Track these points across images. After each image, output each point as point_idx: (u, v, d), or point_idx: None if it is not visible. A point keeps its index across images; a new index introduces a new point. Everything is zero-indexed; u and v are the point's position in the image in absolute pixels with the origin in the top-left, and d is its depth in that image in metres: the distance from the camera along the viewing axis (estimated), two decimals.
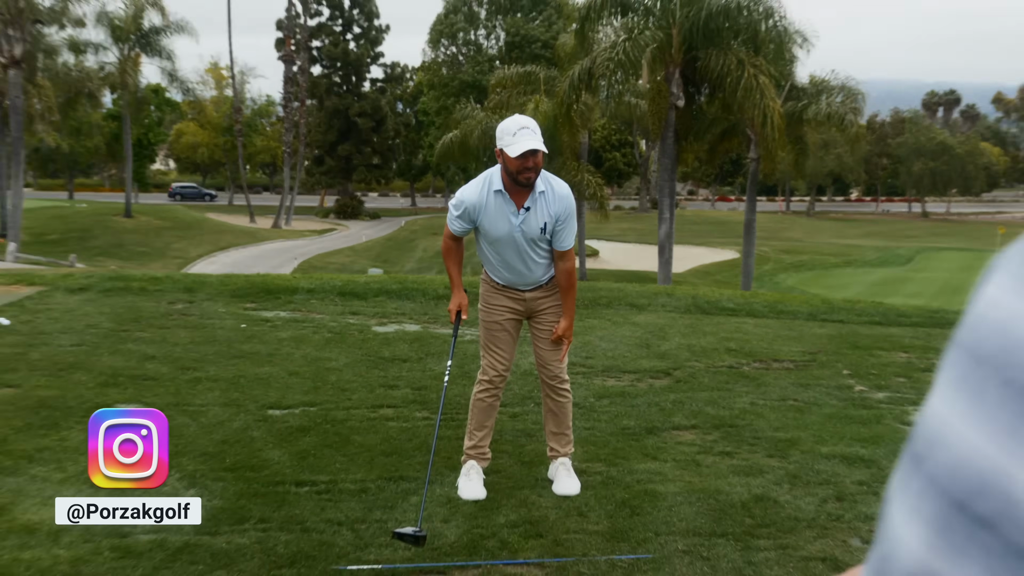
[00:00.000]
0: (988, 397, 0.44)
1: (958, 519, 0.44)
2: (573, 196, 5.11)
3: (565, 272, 5.13)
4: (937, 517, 0.46)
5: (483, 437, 5.29)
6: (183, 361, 7.88)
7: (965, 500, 0.44)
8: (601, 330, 9.78)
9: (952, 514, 0.45)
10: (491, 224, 4.95)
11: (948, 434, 0.46)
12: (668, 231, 25.28)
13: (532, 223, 4.93)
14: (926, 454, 0.47)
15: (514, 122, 4.79)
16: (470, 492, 5.07)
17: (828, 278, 42.33)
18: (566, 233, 5.02)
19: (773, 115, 22.68)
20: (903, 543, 0.47)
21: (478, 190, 4.94)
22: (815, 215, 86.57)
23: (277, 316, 10.14)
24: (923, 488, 0.47)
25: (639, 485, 5.25)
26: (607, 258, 50.69)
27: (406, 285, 11.86)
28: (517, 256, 5.04)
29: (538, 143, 4.73)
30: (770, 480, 5.37)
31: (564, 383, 5.33)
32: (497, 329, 5.24)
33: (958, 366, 0.47)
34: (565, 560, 4.31)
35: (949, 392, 0.47)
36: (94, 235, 47.44)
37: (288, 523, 4.64)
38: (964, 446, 0.45)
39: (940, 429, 0.47)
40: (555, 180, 5.01)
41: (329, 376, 7.56)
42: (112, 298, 10.76)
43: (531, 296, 5.20)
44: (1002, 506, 0.43)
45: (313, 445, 5.82)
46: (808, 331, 10.14)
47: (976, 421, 0.45)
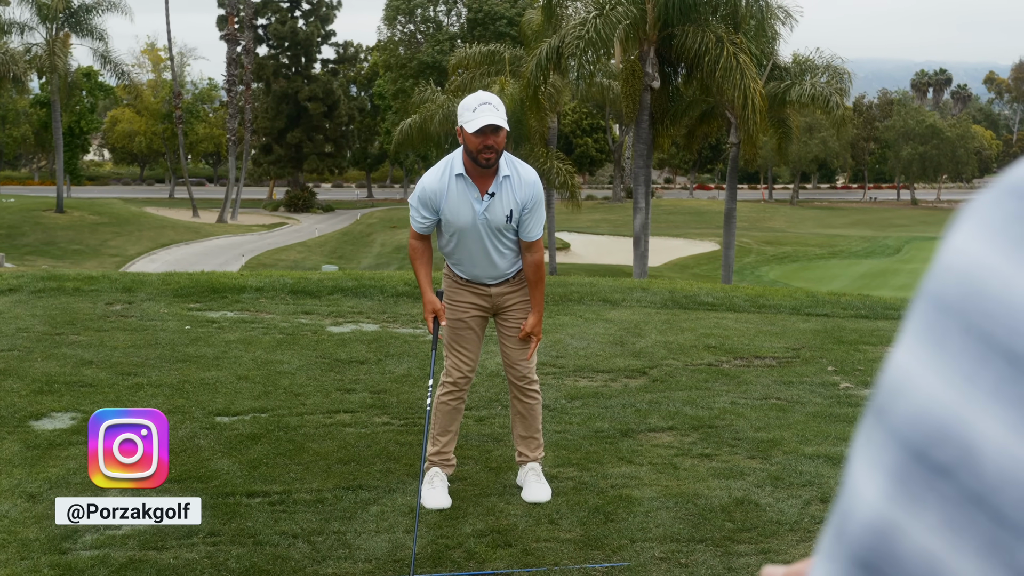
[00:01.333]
0: (949, 345, 0.47)
1: (916, 468, 0.47)
2: (541, 183, 5.18)
3: (533, 265, 5.19)
4: (896, 467, 0.48)
5: (447, 443, 5.34)
6: (123, 366, 7.85)
7: (924, 449, 0.46)
8: (572, 327, 9.86)
9: (910, 463, 0.47)
10: (453, 212, 4.99)
11: (909, 384, 0.48)
12: (643, 222, 25.44)
13: (497, 210, 4.98)
14: (888, 406, 0.49)
15: (475, 98, 4.86)
16: (434, 501, 5.11)
17: (813, 270, 42.82)
18: (533, 222, 5.08)
19: (754, 96, 22.90)
20: (862, 496, 0.50)
21: (439, 175, 5.00)
22: (799, 203, 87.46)
23: (224, 317, 10.12)
24: (883, 440, 0.49)
25: (613, 490, 5.33)
26: (579, 251, 50.89)
27: (362, 282, 11.87)
28: (481, 247, 5.09)
29: (499, 119, 4.79)
30: (751, 482, 5.47)
31: (533, 384, 5.38)
32: (461, 327, 5.27)
33: (921, 316, 0.49)
34: (536, 570, 4.38)
35: (912, 342, 0.49)
36: (23, 232, 46.86)
37: (240, 536, 4.66)
38: (924, 395, 0.47)
39: (902, 380, 0.49)
40: (521, 165, 5.07)
41: (281, 380, 7.57)
42: (44, 299, 10.68)
43: (497, 291, 5.25)
44: (960, 453, 0.45)
45: (265, 453, 5.84)
46: (791, 326, 10.29)
47: (937, 370, 0.47)
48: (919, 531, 0.46)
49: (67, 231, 48.29)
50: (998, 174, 0.52)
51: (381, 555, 4.50)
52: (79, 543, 4.56)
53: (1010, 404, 0.44)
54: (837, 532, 0.52)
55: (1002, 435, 0.44)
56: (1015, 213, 0.47)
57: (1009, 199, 0.48)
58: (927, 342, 0.48)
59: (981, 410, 0.45)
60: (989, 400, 0.45)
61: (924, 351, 0.48)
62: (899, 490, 0.48)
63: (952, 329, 0.47)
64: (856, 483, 0.51)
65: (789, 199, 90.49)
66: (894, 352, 0.51)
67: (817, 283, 34.55)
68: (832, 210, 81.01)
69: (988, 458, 0.44)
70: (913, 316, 0.50)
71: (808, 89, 26.40)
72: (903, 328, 0.51)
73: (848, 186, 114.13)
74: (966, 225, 0.50)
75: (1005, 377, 0.45)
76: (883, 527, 0.48)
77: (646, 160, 25.49)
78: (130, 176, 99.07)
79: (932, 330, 0.48)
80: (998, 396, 0.45)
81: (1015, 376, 0.44)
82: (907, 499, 0.47)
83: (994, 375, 0.45)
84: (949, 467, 0.45)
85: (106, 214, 53.71)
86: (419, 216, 5.09)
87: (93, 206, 56.32)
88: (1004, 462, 0.44)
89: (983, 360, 0.45)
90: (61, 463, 5.56)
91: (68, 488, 5.17)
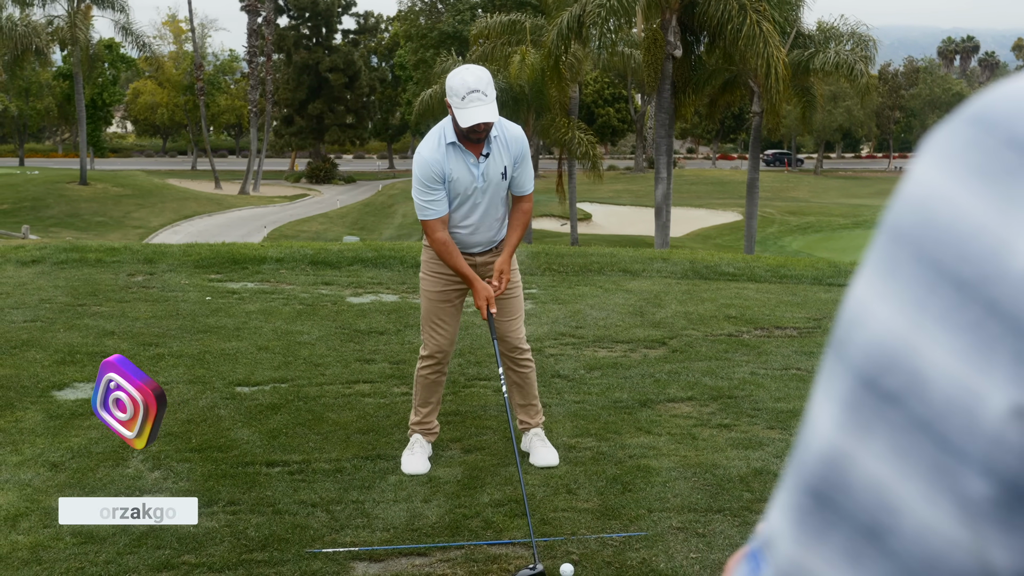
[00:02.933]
0: (901, 274, 0.47)
1: (866, 397, 0.47)
2: (526, 137, 5.17)
3: (522, 211, 5.20)
4: (847, 397, 0.48)
5: (429, 412, 5.36)
6: (144, 337, 7.91)
7: (874, 377, 0.47)
8: (592, 298, 9.84)
9: (861, 392, 0.48)
10: (456, 179, 4.95)
11: (863, 314, 0.49)
12: (665, 192, 25.32)
13: (493, 169, 4.97)
14: (844, 338, 0.50)
15: (463, 83, 4.71)
16: (413, 467, 5.15)
17: (836, 240, 42.53)
18: (524, 176, 5.10)
19: (777, 65, 22.67)
20: (816, 426, 0.51)
21: (435, 145, 4.92)
22: (823, 173, 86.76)
23: (244, 288, 10.17)
24: (838, 371, 0.50)
25: (631, 460, 5.33)
26: (600, 222, 50.75)
27: (382, 253, 11.89)
28: (480, 212, 5.06)
29: (489, 113, 4.72)
30: (770, 453, 5.46)
31: (525, 352, 5.36)
32: (441, 299, 5.23)
33: (879, 247, 0.50)
34: (553, 539, 4.39)
35: (868, 273, 0.50)
36: (47, 204, 47.18)
37: (259, 505, 4.70)
38: (876, 324, 0.48)
39: (857, 311, 0.49)
40: (505, 122, 5.04)
41: (301, 351, 7.60)
42: (67, 271, 10.76)
43: (482, 260, 5.22)
44: (907, 380, 0.46)
45: (284, 423, 5.88)
46: (813, 296, 10.23)
47: (889, 298, 0.48)
48: (868, 459, 0.47)
49: (91, 203, 48.57)
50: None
51: (399, 524, 4.52)
52: None
53: (957, 330, 0.45)
54: (794, 463, 0.53)
55: (949, 361, 0.45)
56: (971, 140, 0.47)
57: (966, 127, 0.48)
58: (881, 272, 0.49)
59: (929, 337, 0.46)
60: (937, 327, 0.45)
61: (878, 280, 0.49)
62: (850, 418, 0.48)
63: (904, 258, 0.48)
64: (813, 414, 0.52)
65: (813, 169, 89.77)
66: (853, 285, 0.51)
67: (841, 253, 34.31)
68: (856, 180, 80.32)
69: (935, 384, 0.45)
70: (872, 248, 0.51)
71: (832, 57, 26.09)
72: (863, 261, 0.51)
73: (873, 155, 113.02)
74: (925, 156, 0.50)
75: (953, 304, 0.45)
76: (834, 456, 0.49)
77: (668, 130, 25.32)
78: (152, 148, 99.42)
79: (886, 260, 0.49)
80: (946, 323, 0.45)
81: (962, 303, 0.45)
82: (857, 428, 0.48)
83: (942, 302, 0.46)
84: (897, 394, 0.46)
85: (129, 186, 53.97)
86: (430, 198, 4.94)
87: (116, 178, 56.60)
88: (950, 388, 0.45)
89: (932, 287, 0.46)
90: (83, 432, 5.61)
91: (90, 457, 5.23)
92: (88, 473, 5.02)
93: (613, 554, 4.26)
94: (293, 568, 4.09)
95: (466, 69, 4.81)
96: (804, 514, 0.50)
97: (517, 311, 5.30)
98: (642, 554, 4.25)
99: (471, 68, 4.82)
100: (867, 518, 0.47)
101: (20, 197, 47.98)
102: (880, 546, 0.47)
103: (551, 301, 9.63)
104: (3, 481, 4.90)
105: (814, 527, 0.49)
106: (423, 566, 4.18)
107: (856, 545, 0.47)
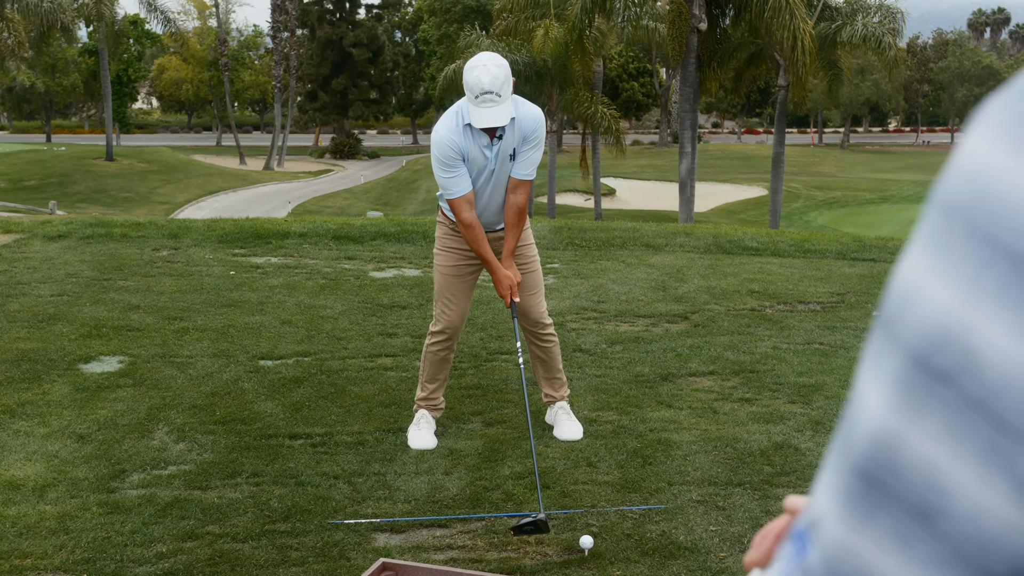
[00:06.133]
0: (954, 249, 0.46)
1: (918, 375, 0.46)
2: (544, 123, 5.06)
3: (515, 207, 5.05)
4: (898, 375, 0.47)
5: (435, 389, 5.35)
6: (169, 311, 7.98)
7: (926, 355, 0.46)
8: (614, 272, 9.83)
9: (913, 371, 0.46)
10: (471, 160, 4.92)
11: (914, 291, 0.48)
12: (690, 167, 25.18)
13: (504, 150, 4.93)
14: (894, 315, 0.49)
15: (477, 83, 4.63)
16: (419, 442, 5.17)
17: (862, 215, 42.20)
18: (529, 158, 4.99)
19: (804, 37, 22.43)
20: (865, 406, 0.49)
21: (452, 124, 4.86)
22: (849, 148, 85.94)
23: (268, 262, 10.22)
24: (888, 349, 0.48)
25: (652, 434, 5.33)
26: (624, 197, 50.58)
27: (405, 227, 11.91)
28: (489, 193, 5.03)
29: (501, 117, 4.67)
30: (791, 427, 5.45)
31: (548, 327, 5.35)
32: (455, 275, 5.20)
33: (929, 222, 0.48)
34: (573, 512, 4.42)
35: (919, 250, 0.48)
36: (74, 180, 47.49)
37: (282, 477, 4.75)
38: (928, 302, 0.46)
39: (908, 288, 0.48)
40: (524, 103, 4.96)
41: (324, 324, 7.65)
42: (93, 245, 10.85)
43: (494, 236, 5.19)
44: (961, 358, 0.44)
45: (307, 396, 5.92)
46: (837, 271, 10.17)
47: (941, 274, 0.46)
48: (920, 439, 0.46)
49: (117, 179, 48.86)
50: None
51: (420, 496, 4.56)
52: (126, 483, 4.67)
53: (1013, 308, 0.44)
54: (842, 443, 0.51)
55: (1004, 339, 0.44)
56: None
57: (1020, 99, 0.47)
58: (933, 248, 0.47)
59: (984, 314, 0.44)
60: (992, 304, 0.44)
61: (930, 257, 0.47)
62: (901, 398, 0.47)
63: (958, 233, 0.46)
64: (861, 394, 0.50)
65: (840, 143, 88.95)
66: (902, 260, 0.50)
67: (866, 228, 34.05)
68: (884, 154, 79.52)
69: (989, 363, 0.44)
70: (922, 223, 0.49)
71: (860, 30, 25.79)
72: (913, 236, 0.50)
73: (900, 129, 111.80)
74: (977, 129, 0.48)
75: (1009, 280, 0.44)
76: (884, 436, 0.48)
77: (693, 104, 25.15)
78: (178, 124, 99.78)
79: (938, 235, 0.47)
80: (1001, 300, 0.44)
81: (1019, 279, 0.44)
82: (909, 407, 0.47)
83: (998, 278, 0.44)
84: (950, 373, 0.45)
85: (155, 162, 54.24)
86: (452, 174, 4.87)
87: (142, 154, 56.88)
88: (1006, 367, 0.43)
89: (987, 263, 0.45)
90: (109, 405, 5.68)
91: (116, 429, 5.30)
92: (114, 445, 5.09)
93: (633, 527, 4.28)
94: (315, 539, 4.14)
95: (483, 66, 4.68)
96: (853, 496, 0.49)
97: (536, 285, 5.29)
98: (662, 527, 4.27)
99: (488, 65, 4.69)
100: (918, 500, 0.46)
101: (47, 173, 48.33)
102: (931, 528, 0.45)
103: (573, 275, 9.62)
104: (31, 452, 4.97)
105: (863, 509, 0.49)
106: (443, 537, 4.21)
107: (906, 527, 0.46)
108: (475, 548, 4.10)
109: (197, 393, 5.94)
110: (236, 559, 3.97)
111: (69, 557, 3.95)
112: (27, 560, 3.93)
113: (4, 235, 11.50)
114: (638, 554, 4.04)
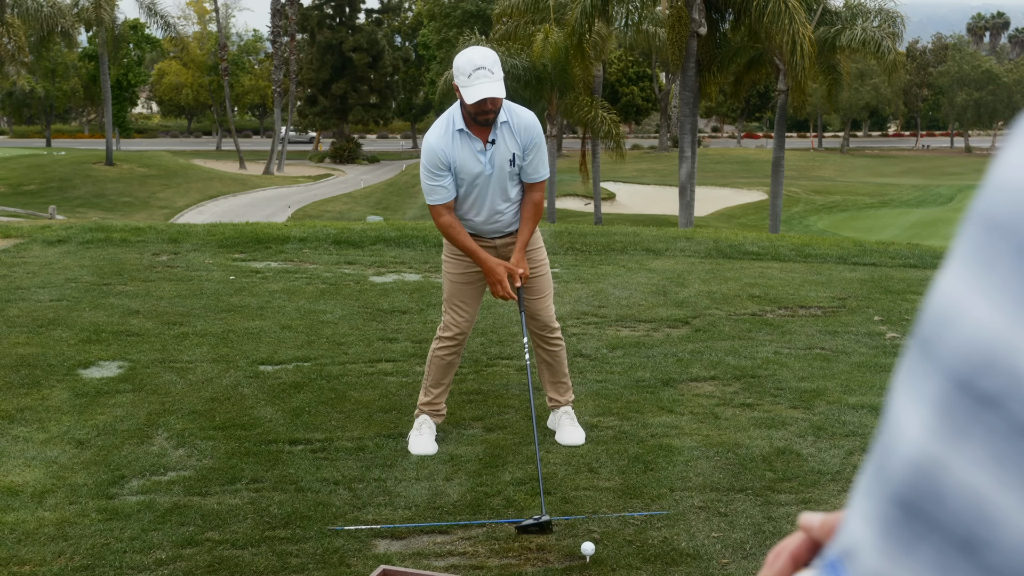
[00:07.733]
0: (1000, 267, 0.43)
1: (961, 399, 0.44)
2: (539, 123, 5.14)
3: (532, 203, 5.15)
4: (940, 399, 0.45)
5: (439, 394, 5.34)
6: (169, 315, 7.96)
7: (970, 378, 0.43)
8: (615, 277, 9.82)
9: (955, 394, 0.44)
10: (462, 166, 4.94)
11: (956, 311, 0.45)
12: (690, 171, 25.18)
13: (500, 156, 4.95)
14: (933, 335, 0.46)
15: (469, 62, 4.73)
16: (420, 447, 5.15)
17: (862, 220, 42.23)
18: (536, 163, 5.06)
19: (803, 42, 22.45)
20: (904, 431, 0.47)
21: (442, 132, 4.92)
22: (849, 152, 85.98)
23: (268, 267, 10.21)
24: (928, 371, 0.46)
25: (654, 439, 5.31)
26: (624, 201, 50.61)
27: (405, 232, 11.89)
28: (489, 198, 5.04)
29: (496, 89, 4.72)
30: (793, 432, 5.43)
31: (555, 331, 5.36)
32: (464, 281, 5.22)
33: (971, 238, 0.46)
34: (574, 518, 4.39)
35: (960, 267, 0.46)
36: (74, 185, 47.52)
37: (282, 483, 4.73)
38: (972, 321, 0.44)
39: (948, 307, 0.46)
40: (518, 109, 5.01)
41: (323, 329, 7.63)
42: (92, 250, 10.84)
43: (501, 243, 5.20)
44: (1008, 382, 0.42)
45: (307, 402, 5.90)
46: (837, 275, 10.15)
47: (985, 294, 0.44)
48: (963, 466, 0.44)
49: (117, 183, 48.89)
50: None
51: (421, 502, 4.54)
52: (125, 488, 4.65)
53: None
54: (877, 470, 0.49)
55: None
56: None
57: None
58: (976, 265, 0.45)
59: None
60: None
61: (972, 275, 0.45)
62: (943, 423, 0.45)
63: (1003, 250, 0.44)
64: (898, 418, 0.48)
65: (839, 147, 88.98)
66: (940, 278, 0.47)
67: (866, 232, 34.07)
68: (883, 158, 79.58)
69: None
70: (962, 239, 0.46)
71: (859, 34, 25.82)
72: (951, 252, 0.47)
73: (900, 134, 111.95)
74: (1018, 138, 0.46)
75: None
76: (926, 463, 0.45)
77: (692, 108, 25.15)
78: (178, 129, 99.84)
79: (981, 252, 0.45)
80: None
81: None
82: (951, 433, 0.44)
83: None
84: (997, 397, 0.42)
85: (155, 166, 54.26)
86: (436, 183, 4.95)
87: (142, 158, 56.89)
88: None
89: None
90: (108, 411, 5.66)
91: (115, 435, 5.28)
92: (113, 451, 5.07)
93: (634, 533, 4.26)
94: (315, 545, 4.12)
95: (473, 49, 4.84)
96: (891, 525, 0.47)
97: (545, 289, 5.30)
98: (663, 533, 4.24)
99: (477, 48, 4.85)
100: (962, 530, 0.44)
101: (47, 178, 48.35)
102: (976, 560, 0.43)
103: (574, 280, 9.61)
104: (30, 458, 4.95)
105: (903, 539, 0.46)
106: (444, 544, 4.19)
107: (949, 559, 0.44)
108: (476, 555, 4.08)
109: (197, 398, 5.92)
110: (236, 566, 3.95)
111: (68, 564, 3.93)
112: (26, 567, 3.91)
113: (4, 240, 11.49)
114: (640, 560, 4.02)
